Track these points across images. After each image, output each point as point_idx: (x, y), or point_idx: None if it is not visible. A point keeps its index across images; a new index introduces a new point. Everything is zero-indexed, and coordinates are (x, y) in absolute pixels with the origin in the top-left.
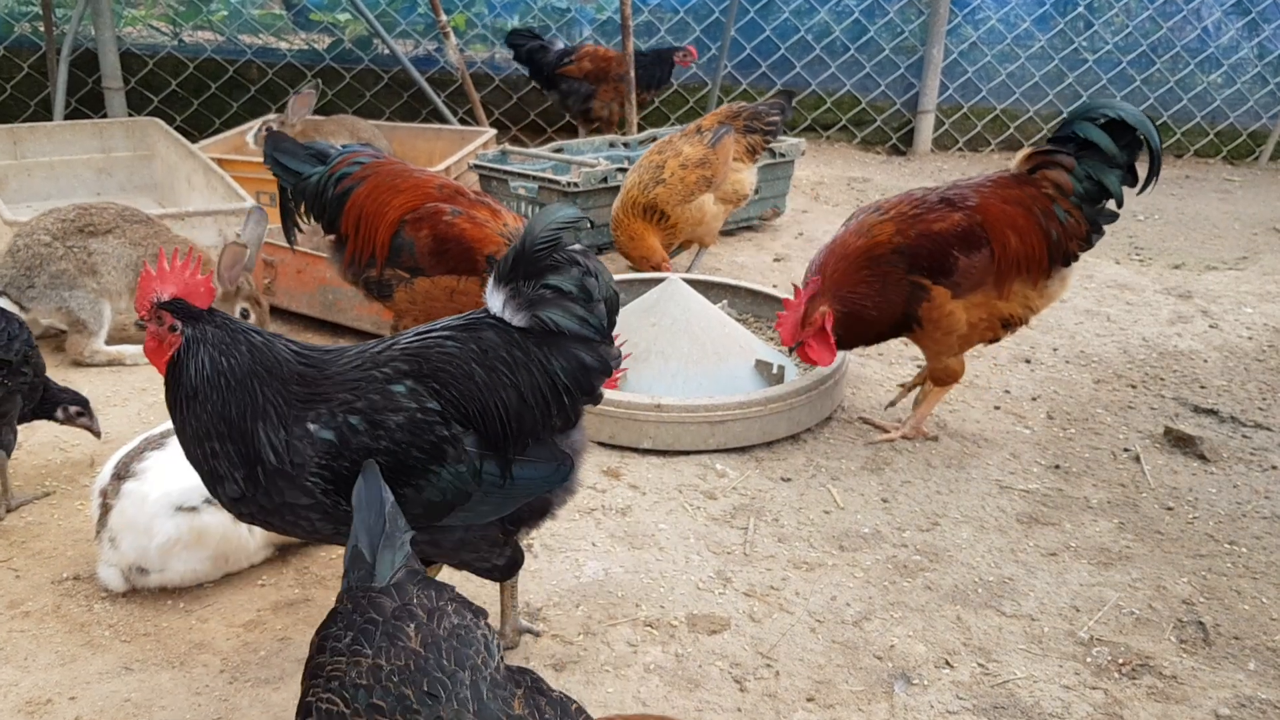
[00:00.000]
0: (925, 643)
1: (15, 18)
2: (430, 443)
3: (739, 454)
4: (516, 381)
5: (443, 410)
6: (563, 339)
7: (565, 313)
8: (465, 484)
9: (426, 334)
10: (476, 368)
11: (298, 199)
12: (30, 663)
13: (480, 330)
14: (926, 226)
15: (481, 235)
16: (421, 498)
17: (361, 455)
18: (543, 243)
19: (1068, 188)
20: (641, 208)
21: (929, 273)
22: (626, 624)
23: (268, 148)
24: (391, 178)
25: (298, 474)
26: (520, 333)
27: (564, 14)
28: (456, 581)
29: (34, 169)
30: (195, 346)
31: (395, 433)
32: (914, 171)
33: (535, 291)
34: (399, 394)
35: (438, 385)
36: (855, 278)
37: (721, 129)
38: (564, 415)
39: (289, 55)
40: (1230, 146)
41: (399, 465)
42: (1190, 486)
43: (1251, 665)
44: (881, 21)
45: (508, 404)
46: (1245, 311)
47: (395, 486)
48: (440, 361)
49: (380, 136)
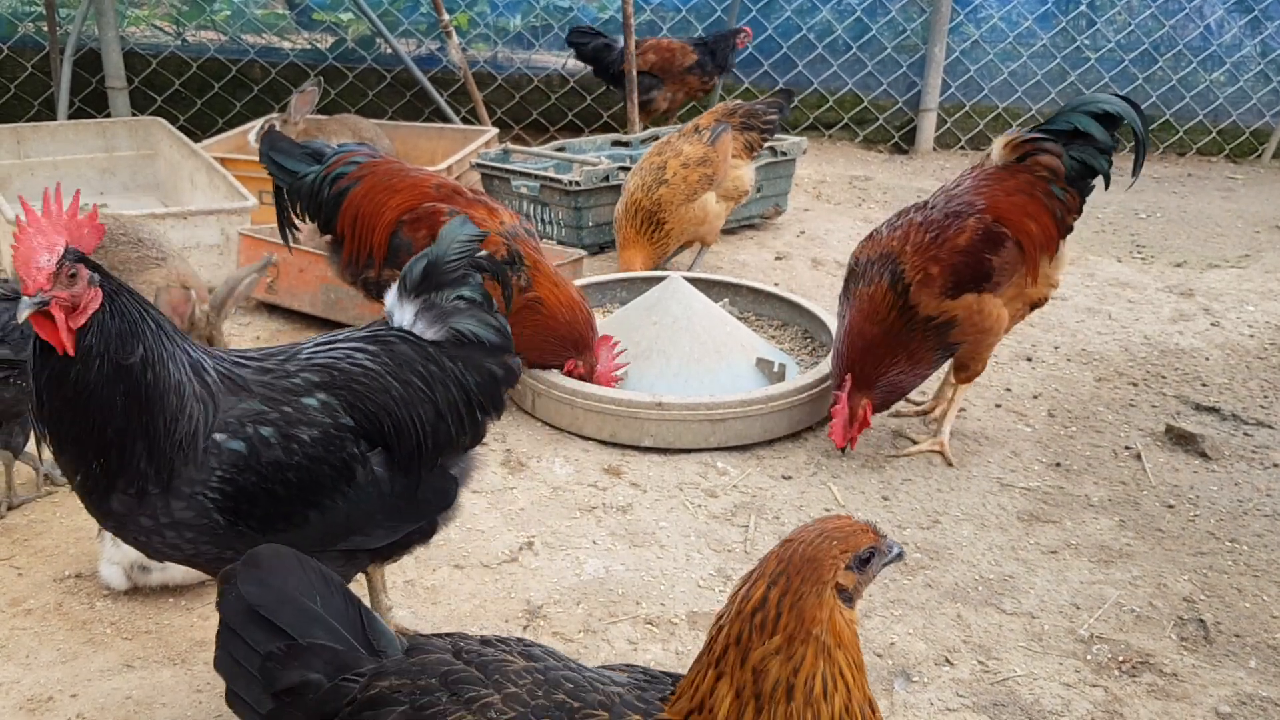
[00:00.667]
0: (925, 640)
1: (19, 17)
2: (342, 460)
3: (740, 452)
4: (434, 397)
5: (356, 426)
6: (475, 352)
7: (481, 323)
8: (370, 506)
9: (332, 344)
10: (393, 382)
11: (293, 198)
12: (32, 660)
13: (391, 343)
14: (953, 244)
15: None
16: (325, 520)
17: (271, 470)
18: (457, 255)
19: (1061, 171)
20: (644, 212)
21: (973, 285)
22: (627, 621)
23: (264, 146)
24: (388, 178)
25: (194, 487)
26: (434, 346)
27: (566, 13)
28: None
29: (37, 168)
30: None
31: (309, 447)
32: (916, 170)
33: (449, 303)
34: (312, 407)
35: (352, 399)
36: (883, 365)
37: (719, 126)
38: (474, 431)
39: (292, 55)
40: (1233, 145)
41: (310, 483)
42: (1191, 484)
43: (1252, 663)
44: (884, 20)
45: (424, 420)
46: (1247, 309)
47: (301, 507)
48: (354, 375)
49: (382, 136)
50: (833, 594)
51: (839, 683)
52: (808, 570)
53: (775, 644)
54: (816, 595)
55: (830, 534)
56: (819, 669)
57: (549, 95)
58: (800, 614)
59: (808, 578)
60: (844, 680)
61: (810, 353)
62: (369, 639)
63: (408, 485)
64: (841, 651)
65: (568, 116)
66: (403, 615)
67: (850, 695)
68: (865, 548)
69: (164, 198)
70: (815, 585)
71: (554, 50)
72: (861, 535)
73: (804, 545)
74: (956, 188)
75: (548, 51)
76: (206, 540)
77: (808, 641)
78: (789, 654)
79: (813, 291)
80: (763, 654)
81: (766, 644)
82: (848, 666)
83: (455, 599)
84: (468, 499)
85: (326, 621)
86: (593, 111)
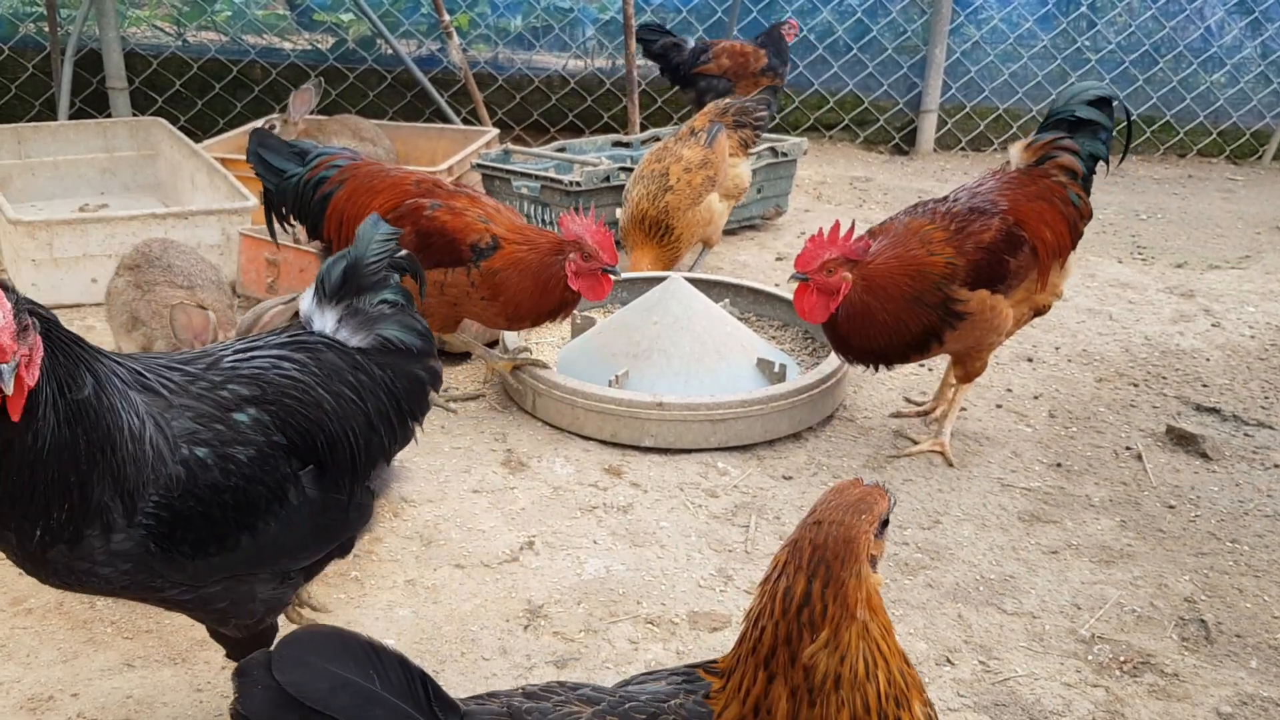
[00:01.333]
0: (926, 640)
1: (20, 18)
2: (276, 480)
3: (741, 452)
4: (366, 408)
5: (289, 443)
6: (402, 358)
7: (407, 329)
8: (301, 526)
9: (254, 352)
10: (324, 394)
11: (280, 199)
12: (32, 659)
13: (319, 351)
14: (978, 240)
15: (462, 225)
16: (256, 542)
17: (209, 494)
18: (376, 256)
19: (1079, 172)
20: (652, 221)
21: (988, 283)
22: (628, 621)
23: (251, 144)
24: (368, 179)
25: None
26: (361, 354)
27: (567, 14)
28: None
29: (38, 168)
30: None
31: (246, 468)
32: (917, 171)
33: (374, 308)
34: (244, 424)
35: (284, 415)
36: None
37: (714, 127)
38: (404, 439)
39: (292, 55)
40: (1233, 146)
41: (244, 505)
42: (1192, 485)
43: (1253, 663)
44: (884, 21)
45: (358, 433)
46: (1248, 310)
47: (235, 530)
48: (285, 387)
49: (383, 136)
50: (868, 569)
51: (877, 658)
52: (846, 553)
53: (824, 638)
54: (856, 577)
55: (857, 507)
56: (859, 649)
57: (549, 96)
58: (844, 602)
59: (847, 561)
60: (881, 654)
61: (811, 353)
62: (435, 712)
63: (339, 502)
64: (875, 622)
65: (568, 117)
66: (404, 615)
67: (889, 665)
68: (885, 512)
69: (164, 198)
70: (854, 566)
71: (554, 51)
72: (880, 500)
73: (835, 526)
74: (980, 186)
75: (548, 52)
76: (141, 570)
77: (852, 625)
78: (835, 644)
79: None
80: (813, 651)
81: (816, 640)
82: (881, 637)
83: (456, 598)
84: (469, 499)
85: (389, 702)
86: (593, 112)
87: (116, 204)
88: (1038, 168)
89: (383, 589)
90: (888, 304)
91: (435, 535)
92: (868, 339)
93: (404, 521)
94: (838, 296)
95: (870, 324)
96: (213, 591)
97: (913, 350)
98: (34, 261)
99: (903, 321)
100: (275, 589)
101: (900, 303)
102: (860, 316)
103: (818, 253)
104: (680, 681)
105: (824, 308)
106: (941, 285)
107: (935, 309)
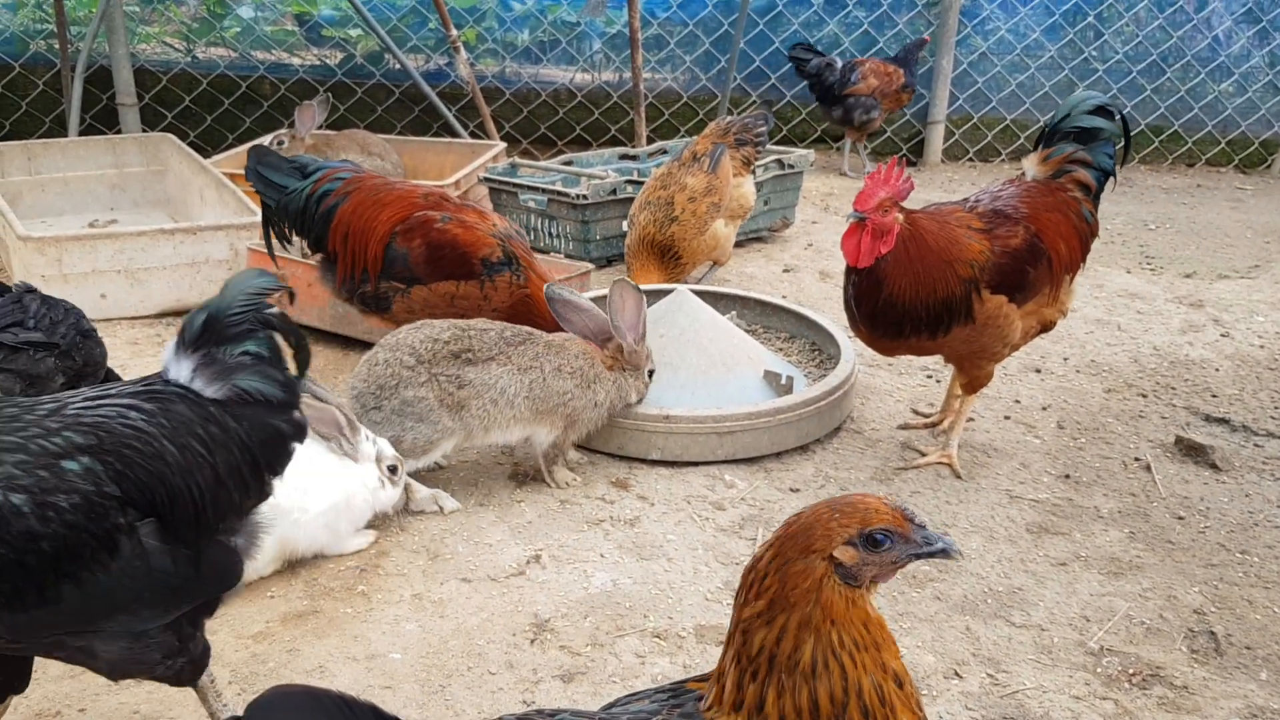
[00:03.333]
0: (934, 653)
1: (31, 35)
2: (105, 530)
3: (748, 465)
4: (214, 461)
5: (123, 495)
6: (260, 410)
7: (266, 379)
8: (137, 581)
9: (102, 400)
10: (169, 446)
11: (281, 215)
12: (39, 674)
13: (169, 402)
14: (1005, 243)
15: (474, 238)
16: (82, 593)
17: (22, 541)
18: (241, 309)
19: (1092, 186)
20: (659, 246)
21: (1008, 290)
22: (634, 635)
23: (250, 162)
24: (374, 192)
25: None
26: (215, 405)
27: (574, 28)
28: None
29: (48, 184)
30: None
31: (67, 514)
32: (925, 182)
33: (233, 358)
34: (73, 472)
35: (121, 466)
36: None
37: (717, 150)
38: (259, 494)
39: (301, 70)
40: (1242, 155)
41: (66, 554)
42: (1201, 496)
43: (1263, 675)
44: (891, 33)
45: (203, 487)
46: (1257, 320)
47: (56, 581)
48: (126, 438)
49: (391, 151)
50: (823, 564)
51: (830, 663)
52: (800, 538)
53: (758, 607)
54: (802, 562)
55: (839, 507)
56: (806, 643)
57: (557, 109)
58: (783, 579)
59: (799, 544)
60: (838, 662)
61: (818, 365)
62: None
63: (186, 558)
64: (836, 630)
65: (575, 130)
66: (411, 629)
67: (849, 676)
68: (877, 527)
69: (174, 213)
70: (804, 552)
71: (561, 65)
72: (876, 515)
73: (806, 516)
74: (1001, 191)
75: (555, 66)
76: None
77: (789, 611)
78: (769, 618)
79: (820, 303)
80: (749, 615)
81: (754, 606)
82: (843, 647)
83: (462, 613)
84: (476, 512)
85: None
86: (600, 125)
87: (126, 219)
88: (1054, 181)
89: (389, 603)
90: (926, 256)
91: (442, 549)
92: (896, 290)
93: (411, 535)
94: (890, 238)
95: (903, 274)
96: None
97: (925, 325)
98: (44, 277)
99: (933, 282)
100: (130, 647)
101: (937, 261)
102: (898, 262)
103: (875, 191)
104: (665, 699)
105: (875, 249)
106: (973, 264)
107: (962, 284)
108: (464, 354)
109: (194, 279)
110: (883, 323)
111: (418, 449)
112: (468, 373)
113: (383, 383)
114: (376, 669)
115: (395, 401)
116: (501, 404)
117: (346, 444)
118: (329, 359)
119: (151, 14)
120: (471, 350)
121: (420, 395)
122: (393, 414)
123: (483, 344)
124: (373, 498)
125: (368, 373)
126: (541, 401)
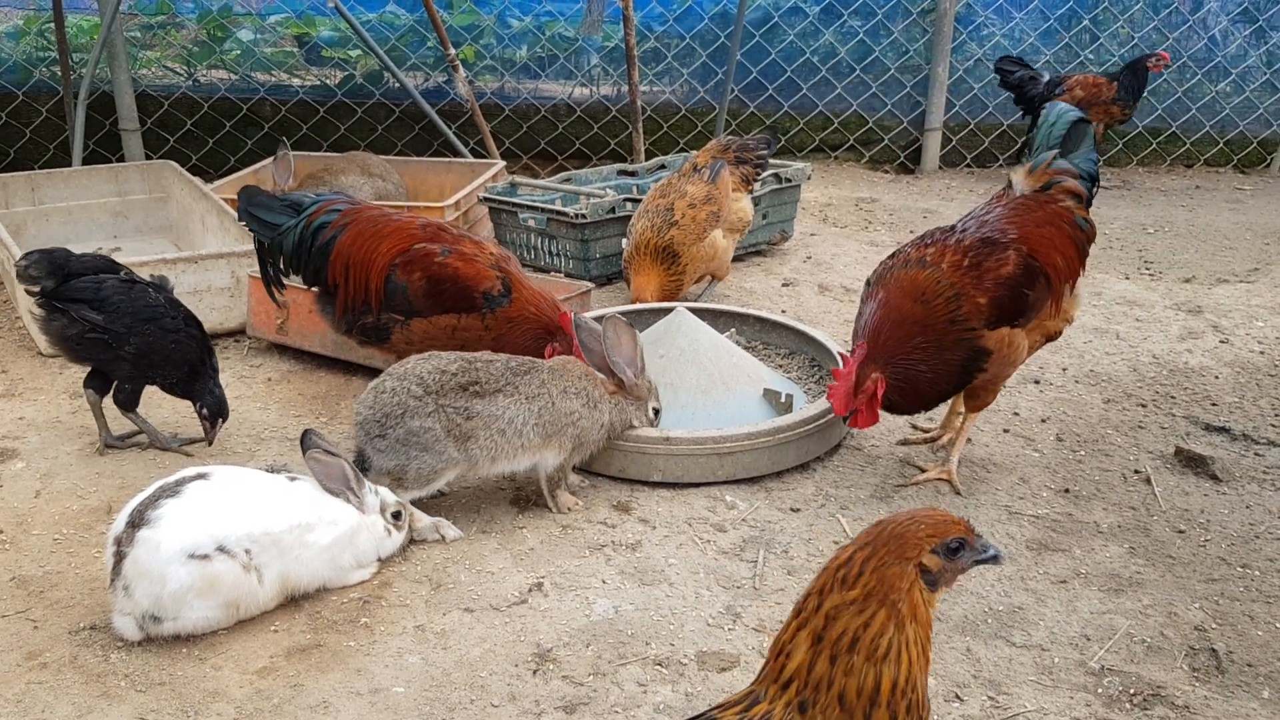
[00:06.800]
0: (935, 676)
1: (33, 63)
2: None
3: (748, 485)
4: None
5: None
6: None
7: None
8: None
9: None
10: None
11: (275, 252)
12: (48, 714)
13: None
14: (996, 274)
15: (475, 272)
16: None
17: None
18: None
19: (1084, 196)
20: (657, 249)
21: (1009, 319)
22: (636, 663)
23: (241, 203)
24: (372, 224)
25: None
26: None
27: (571, 43)
28: None
29: (51, 214)
30: None
31: None
32: (923, 190)
33: None
34: None
35: None
36: (907, 344)
37: (716, 163)
38: None
39: (301, 92)
40: (1240, 155)
41: None
42: (1202, 508)
43: (1265, 693)
44: (886, 41)
45: None
46: (1256, 325)
47: None
48: None
49: (392, 171)
50: (915, 570)
51: (903, 654)
52: (894, 544)
53: (851, 596)
54: (900, 566)
55: (921, 519)
56: (888, 633)
57: (556, 124)
58: (882, 577)
59: (894, 550)
60: (908, 655)
61: (818, 381)
62: None
63: None
64: (914, 627)
65: (575, 145)
66: (413, 662)
67: (911, 669)
68: (954, 537)
69: (176, 240)
70: (900, 558)
71: (560, 80)
72: (952, 526)
73: (895, 525)
74: (988, 215)
75: (554, 81)
76: None
77: (884, 604)
78: (861, 608)
79: (820, 318)
80: (837, 602)
81: (844, 594)
82: (915, 644)
83: (465, 643)
84: (478, 539)
85: None
86: (600, 139)
87: (129, 247)
88: (1044, 193)
89: (392, 635)
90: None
91: (444, 578)
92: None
93: (413, 565)
94: (879, 399)
95: (915, 391)
96: None
97: (949, 393)
98: None
99: (939, 373)
100: None
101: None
102: (905, 389)
103: (844, 388)
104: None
105: (874, 413)
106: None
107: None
108: (471, 386)
109: (196, 307)
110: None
111: (421, 479)
112: (475, 405)
113: (389, 411)
114: (380, 703)
115: (400, 431)
116: (510, 434)
117: (353, 498)
118: (331, 385)
119: (152, 39)
120: (479, 383)
121: (426, 425)
122: (397, 443)
123: (489, 375)
124: (378, 546)
125: (374, 400)
126: (551, 425)
